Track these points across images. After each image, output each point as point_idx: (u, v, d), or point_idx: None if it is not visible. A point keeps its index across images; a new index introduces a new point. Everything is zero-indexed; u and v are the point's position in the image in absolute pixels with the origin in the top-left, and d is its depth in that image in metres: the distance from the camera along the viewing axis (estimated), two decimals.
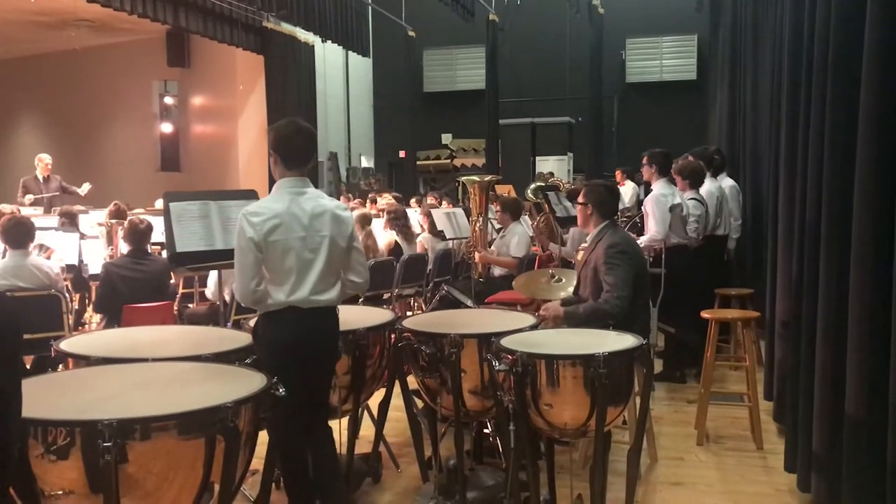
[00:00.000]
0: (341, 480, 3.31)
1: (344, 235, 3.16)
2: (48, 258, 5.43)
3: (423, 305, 7.47)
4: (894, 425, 2.44)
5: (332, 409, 3.37)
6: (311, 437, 3.18)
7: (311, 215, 3.08)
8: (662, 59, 15.85)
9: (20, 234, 5.01)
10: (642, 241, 5.57)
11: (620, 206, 8.85)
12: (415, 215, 8.86)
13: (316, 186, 3.27)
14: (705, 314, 4.72)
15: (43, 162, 10.06)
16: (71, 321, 5.11)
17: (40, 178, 10.01)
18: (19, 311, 1.13)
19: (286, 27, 13.20)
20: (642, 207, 6.02)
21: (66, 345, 3.00)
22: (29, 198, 9.66)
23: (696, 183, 6.08)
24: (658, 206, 5.64)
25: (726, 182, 6.76)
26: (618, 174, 11.95)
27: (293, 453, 3.14)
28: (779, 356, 4.42)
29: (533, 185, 8.92)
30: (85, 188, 10.07)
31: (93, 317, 6.42)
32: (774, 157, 4.28)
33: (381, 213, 8.74)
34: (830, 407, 3.06)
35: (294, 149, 3.15)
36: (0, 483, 1.05)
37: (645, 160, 5.97)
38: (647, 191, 6.18)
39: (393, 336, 3.65)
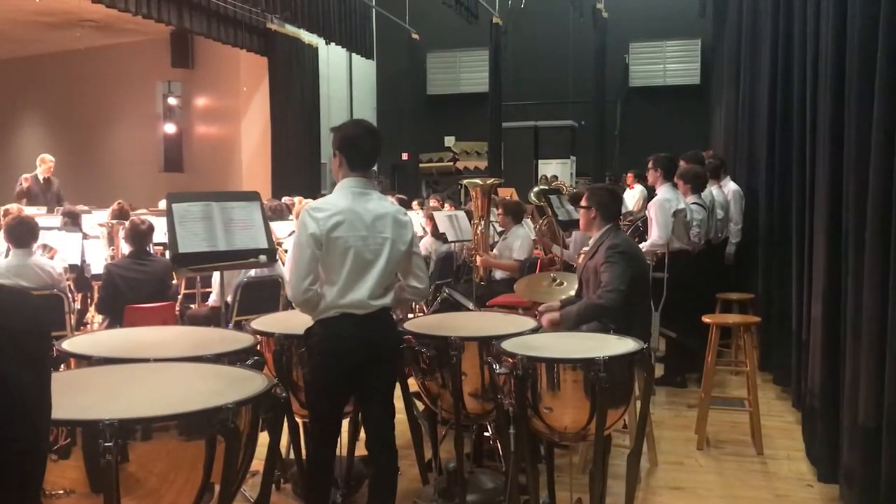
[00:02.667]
0: (393, 495, 3.29)
1: (405, 240, 3.13)
2: (52, 258, 5.44)
3: (425, 308, 7.47)
4: None
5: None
6: (379, 451, 3.19)
7: (374, 216, 3.05)
8: (666, 63, 15.84)
9: (24, 233, 5.02)
10: (644, 246, 5.58)
11: (624, 210, 8.88)
12: (417, 218, 8.86)
13: (319, 188, 3.27)
14: (706, 319, 4.73)
15: (46, 163, 10.02)
16: (73, 321, 5.12)
17: (41, 178, 9.97)
18: (44, 310, 1.14)
19: (290, 29, 13.22)
20: (646, 212, 6.03)
21: (68, 344, 3.00)
22: (27, 175, 9.63)
23: (698, 187, 6.09)
24: (661, 210, 5.64)
25: (730, 186, 6.77)
26: (629, 177, 11.95)
27: (321, 465, 3.15)
28: (813, 364, 4.32)
29: (536, 189, 8.92)
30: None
31: (95, 317, 6.43)
32: (805, 160, 4.22)
33: None
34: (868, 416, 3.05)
35: (360, 150, 3.12)
36: (32, 482, 1.06)
37: (650, 164, 5.97)
38: (654, 195, 6.18)
39: None
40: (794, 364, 4.87)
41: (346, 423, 3.67)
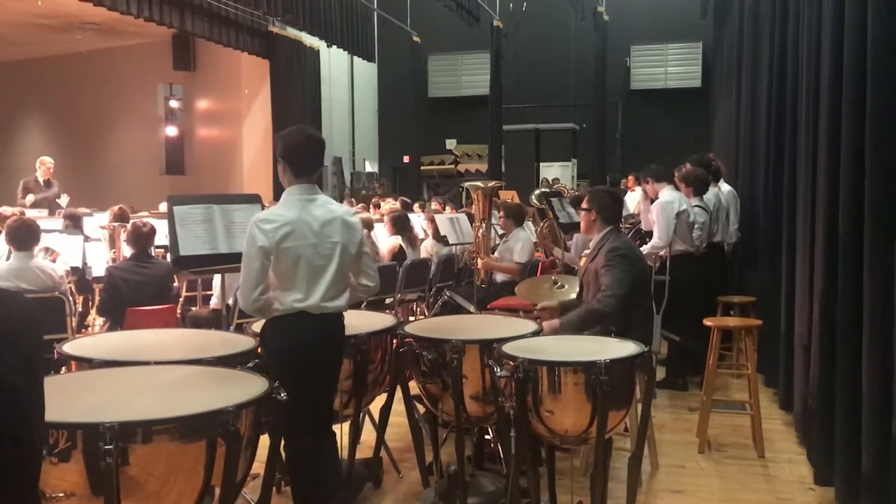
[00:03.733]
0: (343, 487, 3.31)
1: (354, 242, 3.18)
2: (54, 262, 5.44)
3: (426, 311, 7.47)
4: None
5: (335, 414, 3.38)
6: (318, 444, 3.19)
7: (321, 222, 3.08)
8: (667, 66, 15.86)
9: (25, 235, 5.02)
10: (645, 248, 5.58)
11: (625, 213, 8.88)
12: (419, 220, 8.87)
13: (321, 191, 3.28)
14: (707, 322, 4.72)
15: (45, 165, 10.02)
16: (74, 323, 5.11)
17: (41, 180, 9.97)
18: (39, 312, 1.14)
19: (292, 32, 13.25)
20: (648, 215, 6.03)
21: (69, 347, 3.00)
22: (30, 198, 9.64)
23: (700, 190, 6.08)
24: (664, 212, 5.65)
25: (724, 188, 6.78)
26: (630, 180, 11.95)
27: (301, 459, 3.14)
28: (809, 367, 4.31)
29: (537, 191, 8.92)
30: (64, 200, 10.04)
31: (96, 319, 6.43)
32: (810, 162, 4.23)
33: (383, 216, 8.75)
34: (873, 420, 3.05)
35: (303, 157, 3.16)
36: (28, 481, 1.06)
37: (641, 181, 6.08)
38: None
39: (395, 341, 3.65)
40: (783, 366, 4.88)
41: (346, 426, 3.67)
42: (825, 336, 3.71)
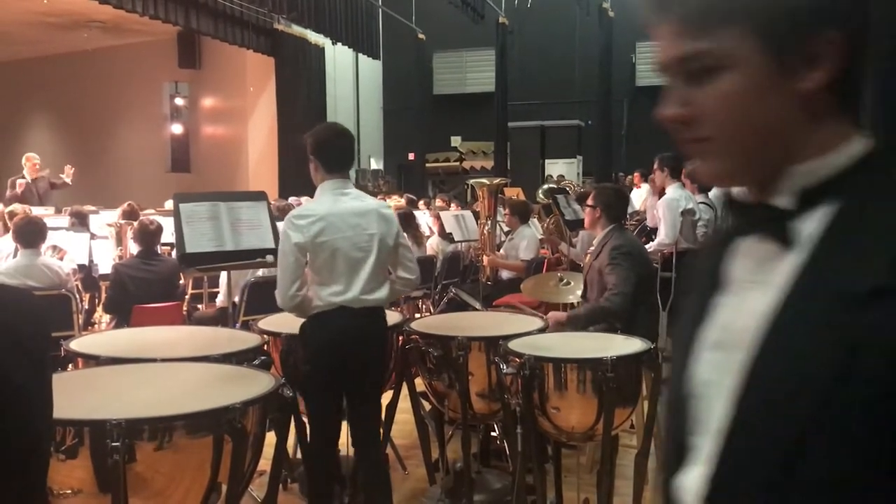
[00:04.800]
0: (388, 488, 3.30)
1: (391, 234, 3.18)
2: (61, 260, 5.45)
3: (431, 308, 7.47)
4: None
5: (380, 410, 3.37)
6: (363, 441, 3.21)
7: (355, 214, 3.09)
8: None
9: (32, 233, 5.03)
10: (651, 245, 5.56)
11: (630, 210, 8.85)
12: (424, 217, 8.86)
13: None
14: None
15: (31, 161, 9.90)
16: (81, 321, 5.13)
17: (27, 176, 9.91)
18: (46, 309, 1.14)
19: (297, 29, 13.24)
20: (654, 211, 6.00)
21: (75, 344, 3.01)
22: (20, 181, 9.58)
23: (705, 187, 6.06)
24: (670, 210, 5.62)
25: None
26: (636, 177, 11.93)
27: (324, 453, 3.16)
28: None
29: (545, 186, 8.92)
30: (68, 172, 9.99)
31: (102, 317, 6.45)
32: None
33: None
34: None
35: (334, 152, 3.16)
36: (36, 480, 1.06)
37: (656, 165, 5.95)
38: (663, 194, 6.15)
39: (401, 338, 3.65)
40: None
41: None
42: None
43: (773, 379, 0.76)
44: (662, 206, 5.71)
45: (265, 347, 3.14)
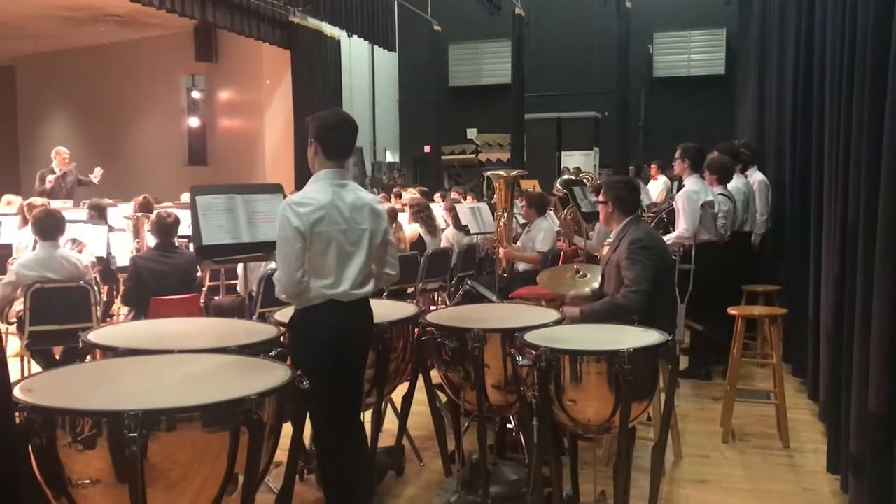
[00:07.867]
0: (372, 477, 3.32)
1: (380, 230, 3.18)
2: (80, 252, 5.50)
3: (447, 300, 7.47)
4: None
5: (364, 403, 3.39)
6: (347, 434, 3.19)
7: (351, 208, 3.08)
8: (690, 53, 15.68)
9: (51, 226, 5.08)
10: (670, 237, 5.53)
11: (647, 202, 8.80)
12: (439, 210, 8.86)
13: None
14: (732, 311, 4.68)
15: (60, 155, 10.07)
16: (99, 313, 5.17)
17: (57, 170, 10.04)
18: None
19: (313, 22, 13.25)
20: (673, 203, 5.96)
21: (93, 336, 3.03)
22: (50, 178, 9.69)
23: (724, 178, 6.01)
24: (689, 202, 5.58)
25: (756, 176, 6.68)
26: (653, 168, 11.87)
27: (331, 448, 3.15)
28: (826, 356, 4.29)
29: (563, 177, 8.89)
30: (97, 173, 10.13)
31: (120, 308, 6.50)
32: (838, 149, 4.18)
33: (405, 206, 8.75)
34: (877, 408, 3.01)
35: (337, 139, 3.14)
36: (10, 476, 1.07)
37: (678, 154, 5.90)
38: (680, 186, 6.11)
39: (416, 330, 3.65)
40: (811, 356, 4.82)
41: (368, 415, 3.68)
42: (838, 322, 3.67)
43: None
44: (682, 198, 5.67)
45: (281, 339, 3.14)
